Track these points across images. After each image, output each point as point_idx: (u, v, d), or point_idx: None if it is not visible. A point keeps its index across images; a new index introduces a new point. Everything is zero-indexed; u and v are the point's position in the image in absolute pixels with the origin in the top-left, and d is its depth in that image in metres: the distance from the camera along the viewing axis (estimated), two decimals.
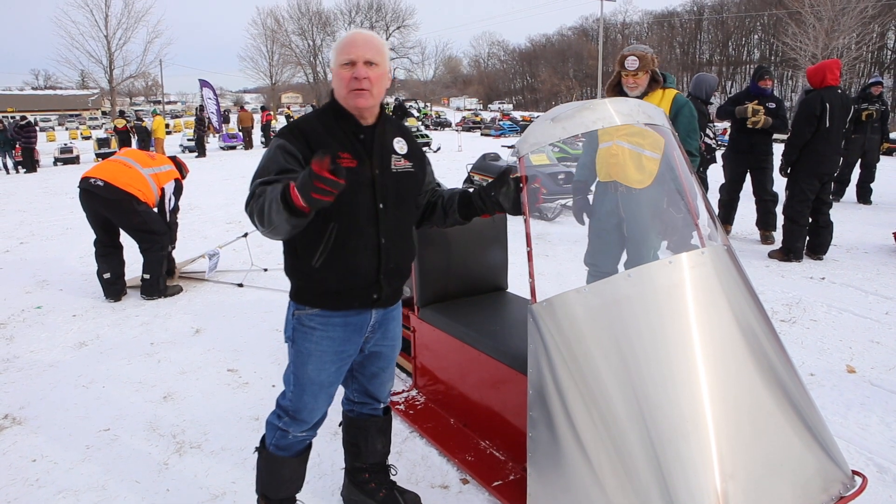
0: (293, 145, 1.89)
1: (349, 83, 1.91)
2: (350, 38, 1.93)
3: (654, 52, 3.63)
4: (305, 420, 2.13)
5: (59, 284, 5.79)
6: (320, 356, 2.04)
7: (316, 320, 2.03)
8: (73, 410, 3.35)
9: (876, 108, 9.14)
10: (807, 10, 28.43)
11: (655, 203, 3.47)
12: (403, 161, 2.06)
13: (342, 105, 1.97)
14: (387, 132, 2.05)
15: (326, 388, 2.11)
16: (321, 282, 1.98)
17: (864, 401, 3.31)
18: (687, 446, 1.77)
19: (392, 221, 2.02)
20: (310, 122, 1.98)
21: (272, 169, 1.87)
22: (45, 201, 11.45)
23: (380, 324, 2.15)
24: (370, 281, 2.02)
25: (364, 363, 2.25)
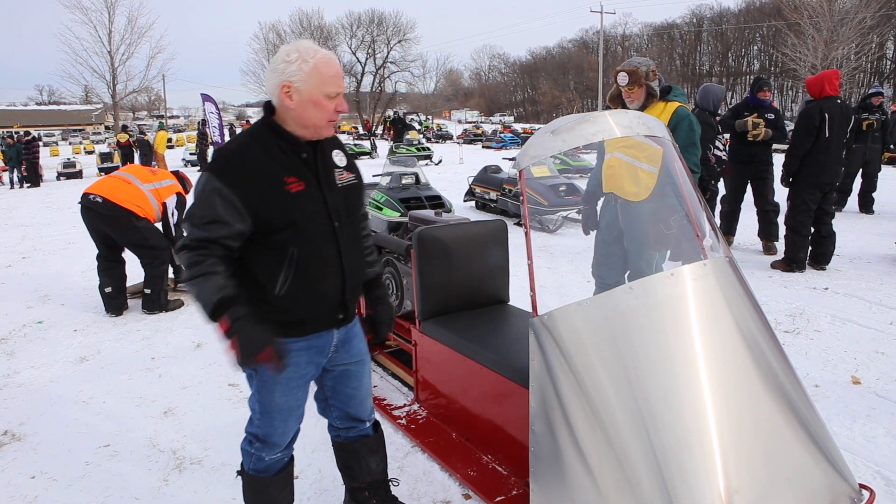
0: (232, 189, 1.77)
1: (331, 115, 1.87)
2: (336, 70, 1.87)
3: (653, 65, 3.61)
4: (277, 443, 2.09)
5: (60, 299, 5.79)
6: (286, 383, 1.98)
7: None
8: (73, 426, 3.33)
9: (876, 118, 9.15)
10: (805, 21, 28.58)
11: (652, 216, 3.46)
12: (346, 174, 2.02)
13: (283, 126, 1.88)
14: (325, 146, 1.99)
15: (295, 410, 2.06)
16: (286, 311, 1.91)
17: (869, 412, 3.28)
18: (691, 460, 1.75)
19: (349, 238, 1.99)
20: (248, 149, 1.85)
21: (206, 216, 1.78)
22: (47, 216, 11.48)
23: (342, 342, 2.10)
24: (336, 303, 1.99)
25: (336, 388, 2.18)
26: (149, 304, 5.21)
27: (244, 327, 1.74)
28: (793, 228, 6.03)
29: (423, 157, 20.04)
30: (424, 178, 9.12)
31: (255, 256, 1.87)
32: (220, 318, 1.74)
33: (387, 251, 3.77)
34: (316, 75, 1.83)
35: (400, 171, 9.05)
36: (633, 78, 3.50)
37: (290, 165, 1.87)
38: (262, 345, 1.75)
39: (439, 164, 20.00)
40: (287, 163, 1.87)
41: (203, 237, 1.77)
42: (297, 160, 1.89)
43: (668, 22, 74.59)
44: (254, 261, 1.88)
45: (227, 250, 1.81)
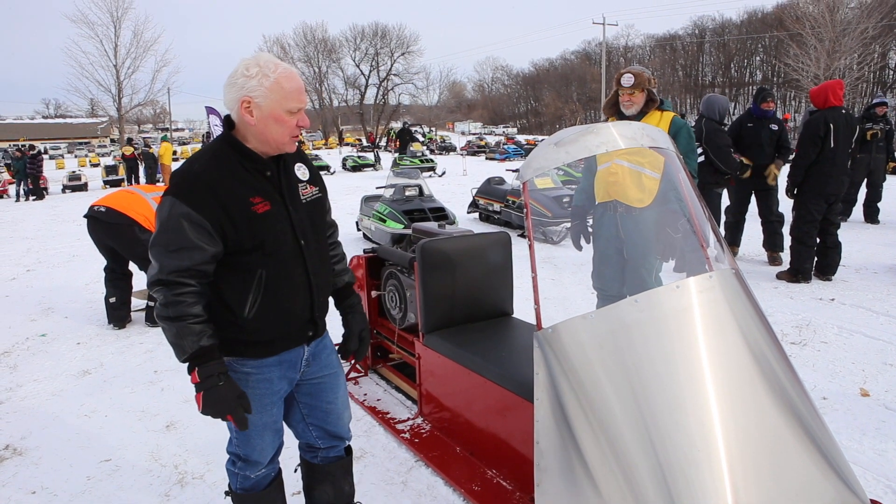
0: (201, 213, 1.71)
1: (293, 131, 1.84)
2: (297, 83, 1.82)
3: (652, 74, 3.64)
4: (258, 461, 2.06)
5: (64, 312, 5.79)
6: (260, 400, 1.94)
7: (249, 365, 1.93)
8: (74, 440, 3.32)
9: (881, 128, 9.13)
10: (808, 31, 28.65)
11: (656, 223, 3.45)
12: (310, 188, 1.98)
13: (244, 143, 1.83)
14: (288, 161, 1.94)
15: (271, 427, 2.03)
16: (256, 332, 1.88)
17: (879, 425, 3.23)
18: (699, 475, 1.72)
19: (315, 255, 1.95)
20: (211, 170, 1.78)
21: (176, 242, 1.72)
22: (52, 229, 11.52)
23: (313, 356, 2.07)
24: (305, 321, 1.97)
25: (311, 403, 2.12)
26: (152, 316, 5.20)
27: (213, 389, 1.75)
28: (798, 239, 6.00)
29: (427, 169, 20.08)
30: (428, 189, 9.12)
31: (223, 278, 1.83)
32: (192, 371, 1.76)
33: (390, 263, 3.75)
34: (277, 90, 1.78)
35: (403, 182, 9.06)
36: (639, 80, 3.51)
37: (255, 185, 1.82)
38: (226, 409, 1.77)
39: (443, 176, 20.03)
40: (252, 182, 1.81)
41: (176, 267, 1.72)
42: (262, 179, 1.84)
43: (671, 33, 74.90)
44: (222, 283, 1.83)
45: (202, 277, 1.77)
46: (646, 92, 3.53)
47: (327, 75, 65.10)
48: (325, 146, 48.86)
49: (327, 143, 52.29)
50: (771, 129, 6.69)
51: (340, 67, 65.98)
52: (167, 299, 1.73)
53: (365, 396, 3.73)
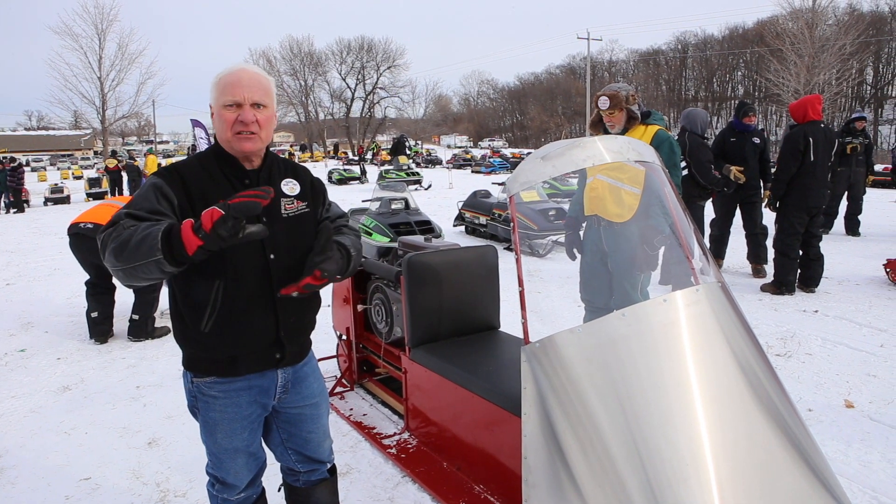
0: (169, 187, 1.73)
1: (233, 126, 1.76)
2: (234, 77, 1.77)
3: (632, 89, 3.67)
4: (235, 484, 1.98)
5: (44, 326, 5.69)
6: (229, 424, 1.87)
7: (216, 388, 1.85)
8: (53, 458, 3.24)
9: (860, 142, 9.30)
10: (787, 47, 29.15)
11: (635, 237, 3.48)
12: (296, 203, 1.90)
13: (225, 149, 1.82)
14: (274, 174, 1.89)
15: (244, 451, 1.94)
16: (214, 348, 1.81)
17: (864, 436, 3.25)
18: (687, 490, 1.72)
19: (286, 272, 1.82)
20: (190, 165, 1.82)
21: (143, 206, 1.69)
22: (33, 242, 11.35)
23: (292, 383, 1.97)
24: (269, 341, 1.86)
25: (291, 431, 2.04)
26: (135, 330, 5.13)
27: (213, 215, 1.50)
28: (781, 251, 6.07)
29: (413, 182, 20.10)
30: (414, 203, 9.12)
31: (181, 290, 1.79)
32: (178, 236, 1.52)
33: (376, 277, 3.73)
34: (216, 87, 1.79)
35: (389, 196, 9.05)
36: (614, 102, 3.56)
37: (229, 190, 1.77)
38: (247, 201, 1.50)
39: (429, 189, 20.05)
40: (226, 187, 1.79)
41: (135, 214, 1.67)
42: (240, 186, 1.80)
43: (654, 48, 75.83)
44: (180, 294, 1.80)
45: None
46: (625, 111, 3.58)
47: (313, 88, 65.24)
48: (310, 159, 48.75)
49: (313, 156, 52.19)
50: (754, 143, 6.79)
51: (326, 81, 66.16)
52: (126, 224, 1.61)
53: (351, 411, 3.69)
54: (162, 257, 1.52)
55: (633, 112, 3.59)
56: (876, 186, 14.57)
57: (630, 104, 3.58)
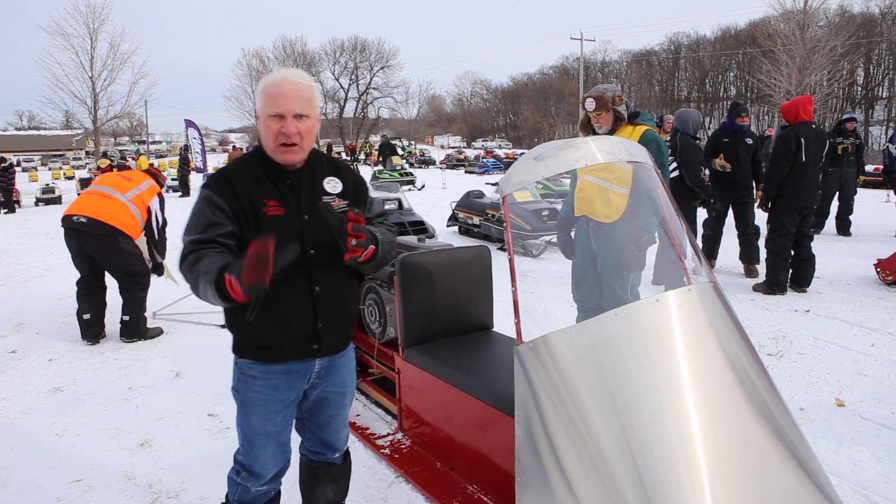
0: (220, 196, 1.85)
1: (277, 137, 1.85)
2: (278, 88, 1.84)
3: (619, 90, 3.69)
4: (261, 474, 2.06)
5: (35, 328, 5.66)
6: (264, 405, 1.98)
7: (257, 369, 1.98)
8: (44, 460, 3.22)
9: (851, 143, 9.36)
10: (779, 48, 29.30)
11: (623, 238, 3.49)
12: (338, 201, 1.98)
13: (267, 153, 1.92)
14: (316, 174, 1.98)
15: (275, 438, 2.03)
16: (257, 337, 1.93)
17: (854, 435, 3.28)
18: (680, 489, 1.72)
19: (326, 267, 1.93)
20: (235, 170, 1.94)
21: (200, 223, 1.84)
22: (24, 242, 11.28)
23: (326, 371, 2.07)
24: (308, 332, 1.95)
25: (313, 411, 2.15)
26: (127, 330, 5.10)
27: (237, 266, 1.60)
28: (773, 252, 6.10)
29: (406, 183, 20.10)
30: (407, 203, 9.12)
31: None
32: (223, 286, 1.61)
33: (369, 277, 3.73)
34: (262, 97, 1.88)
35: (383, 196, 9.04)
36: (600, 103, 3.60)
37: (272, 189, 1.90)
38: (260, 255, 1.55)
39: (422, 190, 20.05)
40: (269, 187, 1.90)
41: (200, 238, 1.81)
42: (282, 186, 1.92)
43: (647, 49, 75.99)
44: None
45: (226, 249, 1.82)
46: (611, 111, 3.60)
47: None
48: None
49: None
50: (747, 144, 6.82)
51: (320, 81, 65.89)
52: (195, 257, 1.76)
53: None
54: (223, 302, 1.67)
55: (619, 113, 3.62)
56: (867, 187, 14.68)
57: (617, 105, 3.61)
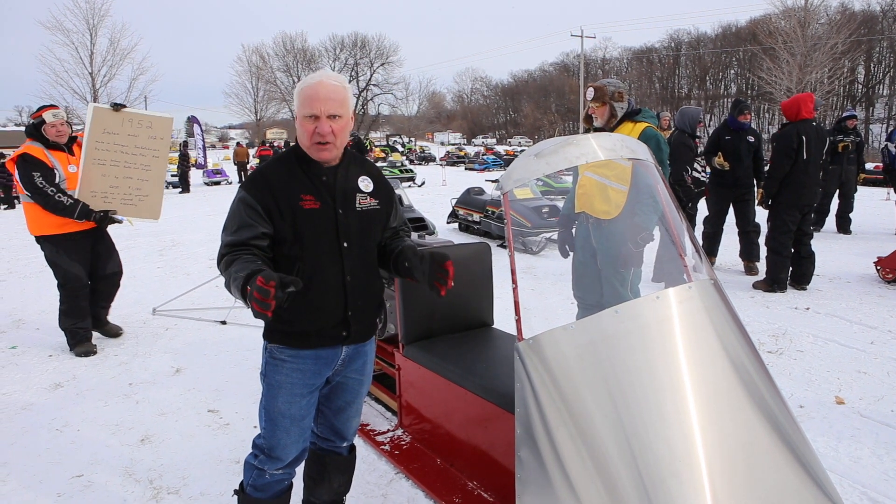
0: (254, 197, 1.95)
1: (312, 136, 1.96)
2: (313, 91, 1.94)
3: (622, 87, 3.69)
4: (280, 457, 2.12)
5: (35, 324, 5.66)
6: (290, 388, 2.06)
7: (286, 352, 2.06)
8: (45, 456, 3.23)
9: (851, 140, 9.36)
10: (780, 46, 29.28)
11: (622, 234, 3.50)
12: (369, 199, 2.10)
13: (305, 152, 2.02)
14: (350, 172, 2.09)
15: (298, 422, 2.10)
16: (290, 323, 2.01)
17: (854, 433, 3.28)
18: (680, 487, 1.73)
19: (357, 259, 2.05)
20: (273, 168, 2.03)
21: (235, 223, 1.95)
22: (23, 238, 11.25)
23: (350, 358, 2.16)
24: (338, 319, 2.05)
25: (330, 395, 2.23)
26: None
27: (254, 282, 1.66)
28: (774, 250, 6.10)
29: (406, 179, 20.11)
30: (407, 200, 9.12)
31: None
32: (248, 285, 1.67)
33: None
34: (299, 97, 1.98)
35: None
36: (598, 94, 3.62)
37: (309, 185, 2.00)
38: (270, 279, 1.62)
39: (422, 186, 20.05)
40: (306, 182, 2.00)
41: (234, 241, 1.92)
42: (318, 182, 2.02)
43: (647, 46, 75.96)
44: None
45: (259, 250, 1.92)
46: (607, 106, 3.61)
47: None
48: None
49: None
50: (748, 142, 6.80)
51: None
52: (229, 259, 1.86)
53: None
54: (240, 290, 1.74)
55: (615, 109, 3.62)
56: (867, 184, 14.68)
57: (616, 100, 3.61)
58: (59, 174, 4.58)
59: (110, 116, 4.81)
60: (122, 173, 4.85)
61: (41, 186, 4.41)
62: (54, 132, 4.58)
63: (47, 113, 4.58)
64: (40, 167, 4.47)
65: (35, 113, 4.72)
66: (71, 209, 4.50)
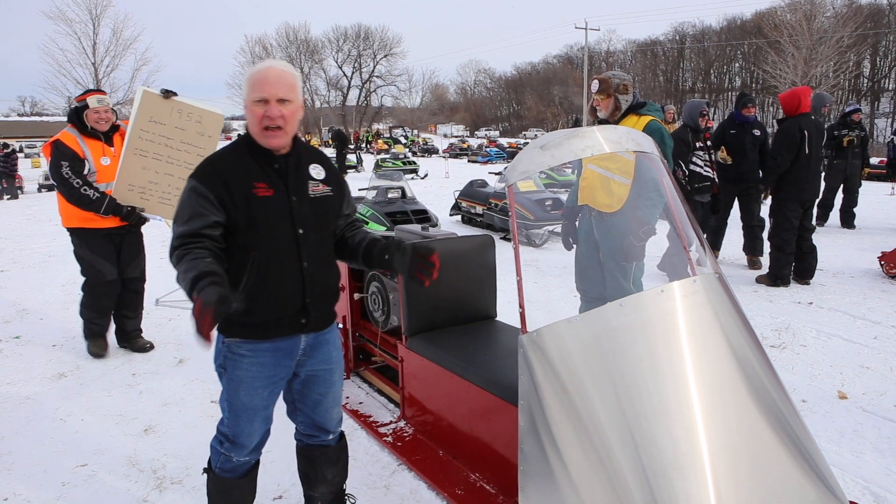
0: (206, 186, 1.93)
1: (261, 121, 1.95)
2: (262, 75, 1.95)
3: (627, 80, 3.67)
4: (245, 444, 2.14)
5: (39, 314, 5.67)
6: (251, 381, 2.06)
7: (245, 347, 2.05)
8: (49, 445, 3.24)
9: (856, 135, 9.30)
10: (785, 39, 29.12)
11: (625, 228, 3.49)
12: (321, 186, 2.11)
13: (256, 140, 2.01)
14: (302, 159, 2.09)
15: (261, 412, 2.12)
16: (248, 314, 1.98)
17: (856, 427, 3.28)
18: (683, 480, 1.73)
19: (313, 246, 2.06)
20: (224, 156, 2.03)
21: (186, 213, 1.93)
22: (27, 228, 11.29)
23: (311, 348, 2.15)
24: (297, 307, 2.05)
25: (304, 391, 2.22)
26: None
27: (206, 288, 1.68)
28: (777, 246, 6.08)
29: (409, 172, 20.07)
30: (410, 192, 9.11)
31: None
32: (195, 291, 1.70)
33: None
34: (247, 84, 1.98)
35: (386, 185, 9.04)
36: (603, 87, 3.61)
37: (261, 173, 2.00)
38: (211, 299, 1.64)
39: (425, 179, 20.02)
40: (258, 171, 2.00)
41: (185, 232, 1.90)
42: (270, 169, 2.01)
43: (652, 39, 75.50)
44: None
45: (211, 241, 1.91)
46: (612, 98, 3.60)
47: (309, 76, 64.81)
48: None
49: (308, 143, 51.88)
50: (754, 135, 6.76)
51: (323, 69, 65.68)
52: (180, 253, 1.85)
53: (347, 399, 3.70)
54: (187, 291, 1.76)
55: (619, 102, 3.61)
56: (872, 179, 14.60)
57: (620, 93, 3.60)
58: (89, 165, 4.23)
59: (159, 104, 4.41)
60: (164, 169, 4.46)
61: (67, 177, 4.12)
62: (95, 118, 4.24)
63: (92, 97, 4.26)
64: (69, 156, 4.17)
65: (80, 96, 4.40)
66: (98, 203, 4.16)
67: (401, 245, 2.16)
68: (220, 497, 2.23)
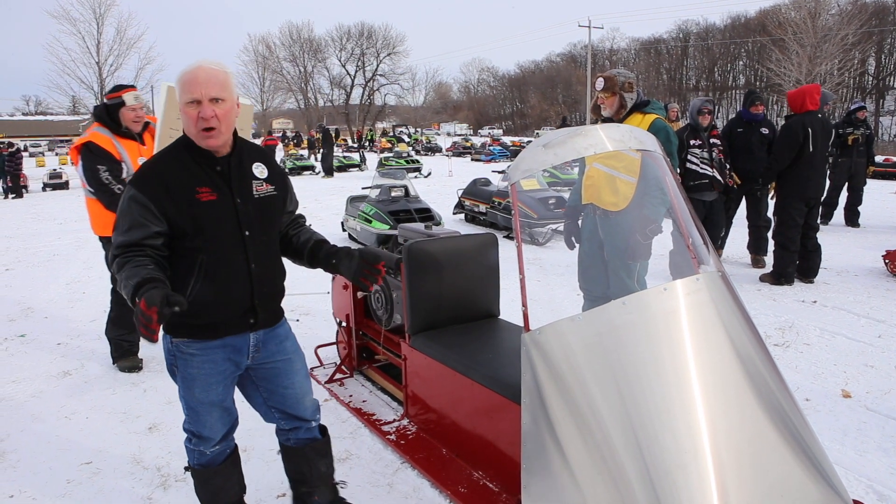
0: (146, 195, 1.89)
1: (197, 123, 1.91)
2: (191, 75, 1.90)
3: (632, 77, 3.67)
4: (210, 437, 2.16)
5: (44, 312, 5.70)
6: (205, 378, 2.07)
7: (194, 346, 2.05)
8: (54, 443, 3.26)
9: (861, 133, 9.27)
10: (790, 37, 29.02)
11: (630, 226, 3.49)
12: (265, 185, 2.09)
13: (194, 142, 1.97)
14: (244, 159, 2.06)
15: (219, 405, 2.13)
16: (196, 315, 1.97)
17: (860, 426, 3.27)
18: (686, 478, 1.73)
19: (260, 247, 2.06)
20: (164, 162, 1.98)
21: (126, 223, 1.89)
22: (32, 227, 11.34)
23: (263, 343, 2.15)
24: (245, 308, 2.06)
25: (268, 387, 2.22)
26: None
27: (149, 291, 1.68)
28: (781, 245, 6.06)
29: (413, 170, 20.05)
30: (414, 190, 9.11)
31: (169, 264, 1.95)
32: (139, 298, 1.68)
33: None
34: (178, 87, 1.94)
35: (389, 183, 9.03)
36: (608, 85, 3.61)
37: (203, 177, 1.97)
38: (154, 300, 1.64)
39: (428, 177, 20.02)
40: (200, 175, 1.96)
41: (126, 241, 1.87)
42: (212, 172, 1.98)
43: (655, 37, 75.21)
44: (168, 268, 1.94)
45: (152, 250, 1.89)
46: (617, 96, 3.60)
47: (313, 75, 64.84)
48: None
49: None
50: (762, 133, 6.72)
51: (326, 67, 65.68)
52: (119, 263, 1.83)
53: (350, 398, 3.71)
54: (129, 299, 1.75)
55: (624, 99, 3.61)
56: (876, 177, 14.56)
57: (625, 91, 3.59)
58: (127, 168, 3.91)
59: None
60: None
61: (107, 182, 3.77)
62: (133, 117, 3.91)
63: (128, 94, 3.91)
64: (107, 159, 3.82)
65: (111, 93, 4.00)
66: None
67: (350, 252, 2.19)
68: (204, 487, 2.27)
